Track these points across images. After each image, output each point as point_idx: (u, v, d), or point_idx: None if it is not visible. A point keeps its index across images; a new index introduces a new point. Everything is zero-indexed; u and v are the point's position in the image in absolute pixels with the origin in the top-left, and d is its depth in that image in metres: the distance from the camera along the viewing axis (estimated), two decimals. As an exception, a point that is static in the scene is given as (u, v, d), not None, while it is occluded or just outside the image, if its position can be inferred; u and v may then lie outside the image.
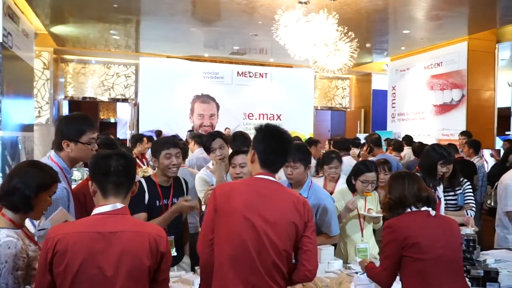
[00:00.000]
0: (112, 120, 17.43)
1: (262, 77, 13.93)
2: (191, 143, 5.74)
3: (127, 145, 8.63)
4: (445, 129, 10.61)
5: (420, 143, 7.09)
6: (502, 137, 10.91)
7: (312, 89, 14.68)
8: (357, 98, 15.40)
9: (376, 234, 3.45)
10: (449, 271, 2.13)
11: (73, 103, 13.76)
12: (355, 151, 6.93)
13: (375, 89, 14.32)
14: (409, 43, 11.05)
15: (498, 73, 10.33)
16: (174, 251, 2.82)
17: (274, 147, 2.05)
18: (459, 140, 7.59)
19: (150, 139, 7.11)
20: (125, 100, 13.53)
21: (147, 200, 2.80)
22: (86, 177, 3.91)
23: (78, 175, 5.84)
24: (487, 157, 8.84)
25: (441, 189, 3.50)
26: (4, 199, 1.92)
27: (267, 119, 13.96)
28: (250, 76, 13.82)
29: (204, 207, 3.26)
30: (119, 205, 1.74)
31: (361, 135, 11.06)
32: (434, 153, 3.43)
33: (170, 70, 12.80)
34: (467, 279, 2.37)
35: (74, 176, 5.84)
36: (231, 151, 3.41)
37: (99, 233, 1.64)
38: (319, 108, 15.42)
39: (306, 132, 13.86)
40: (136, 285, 1.66)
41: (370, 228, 3.34)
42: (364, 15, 8.51)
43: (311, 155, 3.36)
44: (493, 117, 10.22)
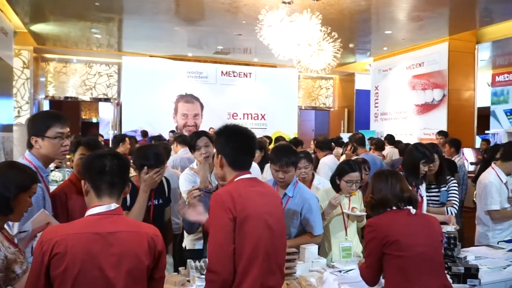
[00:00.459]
0: (94, 120, 17.20)
1: (246, 76, 13.93)
2: (174, 144, 5.71)
3: (109, 145, 8.52)
4: (426, 128, 10.78)
5: (406, 143, 7.20)
6: (481, 136, 11.15)
7: (296, 89, 14.74)
8: (341, 98, 15.52)
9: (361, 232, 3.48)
10: (429, 268, 2.17)
11: (54, 102, 13.53)
12: (338, 150, 6.99)
13: (358, 89, 14.46)
14: (391, 44, 11.19)
15: (477, 73, 10.54)
16: None
17: (240, 147, 2.04)
18: (436, 139, 7.72)
19: (133, 140, 7.03)
20: (107, 100, 13.37)
21: (129, 202, 2.75)
22: (67, 177, 3.85)
23: (59, 176, 5.75)
24: (468, 155, 9.02)
25: (423, 188, 3.55)
26: None
27: (251, 118, 13.96)
28: (234, 76, 13.81)
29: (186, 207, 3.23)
30: (113, 205, 1.72)
31: (345, 134, 11.15)
32: (417, 152, 3.47)
33: (154, 69, 12.70)
34: (448, 276, 2.41)
35: (55, 177, 5.76)
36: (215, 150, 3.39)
37: (97, 233, 1.63)
38: (303, 108, 15.49)
39: (290, 132, 13.92)
40: (136, 285, 1.67)
41: (354, 226, 3.36)
42: (347, 15, 8.58)
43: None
44: (473, 117, 10.43)
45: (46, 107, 12.79)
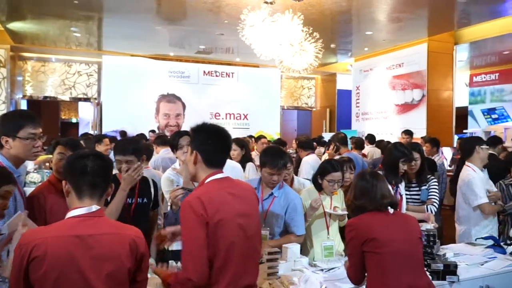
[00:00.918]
0: (74, 120, 16.91)
1: (229, 76, 13.90)
2: (154, 146, 5.67)
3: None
4: (406, 128, 10.94)
5: (387, 141, 7.30)
6: (460, 135, 11.38)
7: (278, 89, 14.77)
8: (323, 97, 15.62)
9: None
10: (408, 264, 2.23)
11: (32, 102, 13.25)
12: (320, 150, 7.04)
13: (340, 89, 14.57)
14: (372, 44, 11.31)
15: (456, 73, 10.76)
16: None
17: (217, 146, 2.04)
18: (402, 139, 7.86)
19: (114, 140, 6.94)
20: (87, 100, 13.15)
21: (109, 198, 2.75)
22: (46, 179, 3.78)
23: (37, 177, 5.63)
24: (447, 154, 9.19)
25: (402, 186, 3.60)
26: None
27: (234, 118, 13.93)
28: (216, 76, 13.75)
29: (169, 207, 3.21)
30: (94, 207, 1.70)
31: (327, 134, 11.23)
32: (396, 151, 3.52)
33: (135, 69, 12.55)
34: (427, 273, 2.45)
35: (34, 178, 5.63)
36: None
37: (77, 236, 1.60)
38: (285, 108, 15.54)
39: (273, 132, 13.95)
40: (118, 287, 1.65)
41: (336, 225, 3.39)
42: (329, 16, 8.65)
43: None
44: (451, 116, 10.63)
45: (23, 106, 12.51)
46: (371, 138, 8.67)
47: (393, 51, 11.54)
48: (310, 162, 5.32)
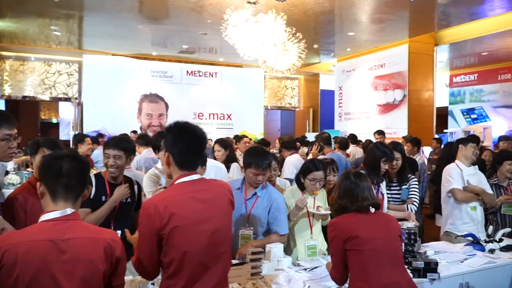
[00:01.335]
0: (54, 121, 16.63)
1: (212, 76, 13.85)
2: (136, 146, 5.61)
3: (71, 146, 8.27)
4: (388, 128, 11.07)
5: (369, 141, 7.36)
6: (440, 135, 11.57)
7: (262, 89, 14.80)
8: (306, 97, 15.71)
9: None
10: (388, 261, 2.26)
11: (10, 102, 12.98)
12: (303, 149, 7.06)
13: (323, 89, 14.68)
14: (354, 45, 11.42)
15: (436, 74, 10.95)
16: None
17: (188, 146, 1.94)
18: (376, 139, 7.95)
19: (95, 140, 6.86)
20: (67, 100, 12.94)
21: (93, 195, 2.79)
22: (25, 180, 3.71)
23: (16, 178, 5.53)
24: (427, 154, 9.34)
25: (384, 185, 3.64)
26: None
27: (217, 118, 13.90)
28: (199, 76, 13.70)
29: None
30: (69, 210, 1.65)
31: (310, 134, 11.29)
32: (377, 151, 3.56)
33: (116, 68, 12.40)
34: (408, 271, 2.49)
35: (13, 179, 5.53)
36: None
37: (50, 241, 1.56)
38: (269, 108, 15.57)
39: (256, 132, 13.96)
40: None
41: (319, 225, 3.40)
42: (312, 16, 8.70)
43: None
44: (432, 116, 10.82)
45: (1, 107, 12.27)
46: (353, 138, 8.74)
47: (375, 52, 11.68)
48: (293, 162, 5.33)
